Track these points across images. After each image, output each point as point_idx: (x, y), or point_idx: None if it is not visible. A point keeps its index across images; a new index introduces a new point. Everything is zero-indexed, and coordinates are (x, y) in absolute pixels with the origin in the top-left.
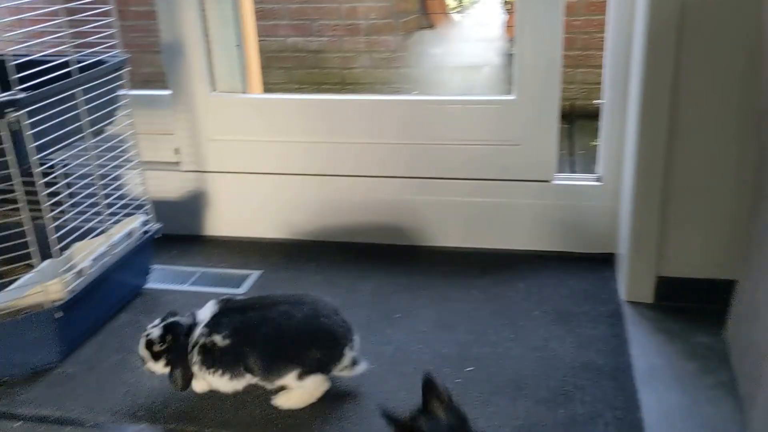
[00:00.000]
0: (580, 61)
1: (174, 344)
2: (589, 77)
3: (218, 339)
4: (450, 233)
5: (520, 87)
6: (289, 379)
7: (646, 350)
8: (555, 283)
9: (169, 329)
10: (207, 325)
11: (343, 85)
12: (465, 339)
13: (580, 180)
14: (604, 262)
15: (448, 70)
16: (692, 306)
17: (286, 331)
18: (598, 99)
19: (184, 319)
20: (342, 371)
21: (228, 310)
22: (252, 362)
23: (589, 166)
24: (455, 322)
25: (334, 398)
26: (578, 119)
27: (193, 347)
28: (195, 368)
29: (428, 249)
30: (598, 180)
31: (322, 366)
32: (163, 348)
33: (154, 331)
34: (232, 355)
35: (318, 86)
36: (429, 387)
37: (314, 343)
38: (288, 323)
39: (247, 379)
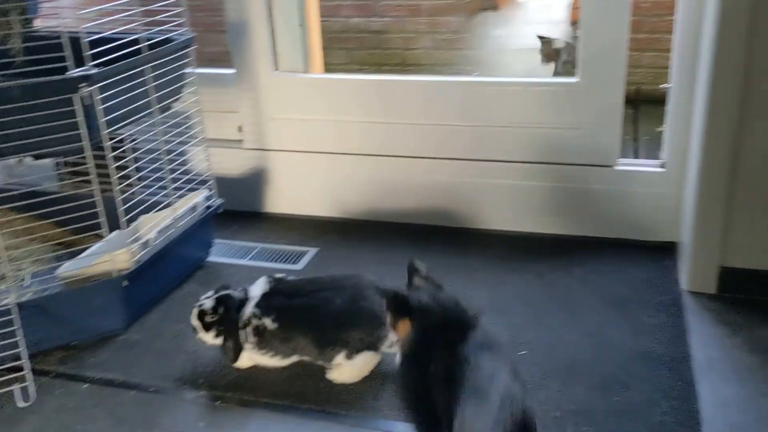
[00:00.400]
0: (648, 44)
1: (226, 316)
2: (657, 61)
3: (268, 322)
4: (507, 217)
5: (585, 70)
6: (340, 358)
7: (706, 341)
8: (613, 271)
9: (221, 301)
10: (258, 305)
11: (404, 66)
12: (519, 322)
13: (644, 166)
14: (665, 250)
15: (510, 52)
16: (756, 298)
17: (329, 317)
18: (665, 83)
19: (236, 293)
20: (392, 347)
21: (278, 292)
22: (302, 346)
23: (653, 152)
24: (509, 305)
25: (386, 373)
26: (644, 104)
27: (246, 325)
28: (248, 347)
29: (485, 232)
30: (662, 166)
31: (369, 344)
32: (214, 319)
33: (207, 302)
34: (281, 339)
35: (379, 67)
36: (411, 269)
37: (356, 326)
38: (331, 309)
39: (295, 359)
